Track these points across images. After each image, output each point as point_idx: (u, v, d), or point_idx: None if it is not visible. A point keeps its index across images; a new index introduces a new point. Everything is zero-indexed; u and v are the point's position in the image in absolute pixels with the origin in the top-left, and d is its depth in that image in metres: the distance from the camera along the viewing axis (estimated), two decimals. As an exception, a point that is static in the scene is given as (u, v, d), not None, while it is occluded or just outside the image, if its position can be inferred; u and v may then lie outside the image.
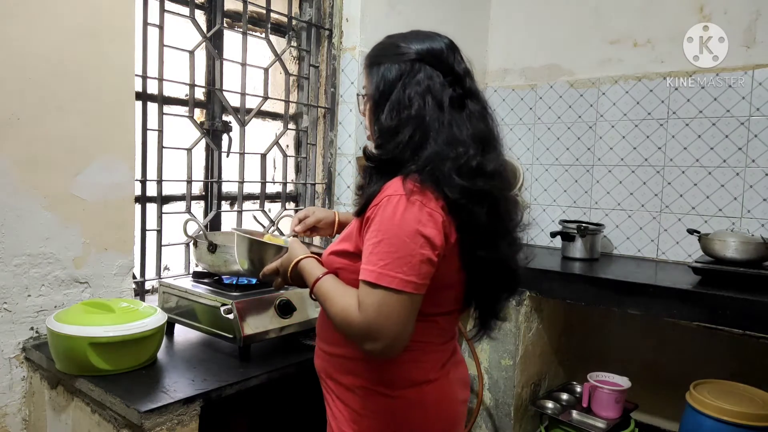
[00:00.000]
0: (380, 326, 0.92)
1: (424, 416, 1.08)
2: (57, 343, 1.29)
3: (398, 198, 0.96)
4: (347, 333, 0.98)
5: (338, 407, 1.11)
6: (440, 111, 1.02)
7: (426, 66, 1.04)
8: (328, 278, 1.05)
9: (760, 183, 2.29)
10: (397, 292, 0.92)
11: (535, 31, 2.88)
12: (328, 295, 1.03)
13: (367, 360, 1.05)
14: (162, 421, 1.16)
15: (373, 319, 0.93)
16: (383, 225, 0.95)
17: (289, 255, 1.14)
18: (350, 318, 0.96)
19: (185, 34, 1.88)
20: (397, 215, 0.94)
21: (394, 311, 0.93)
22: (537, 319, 2.28)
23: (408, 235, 0.93)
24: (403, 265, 0.93)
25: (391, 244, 0.94)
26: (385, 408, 1.06)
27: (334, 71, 2.32)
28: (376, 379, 1.06)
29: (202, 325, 1.52)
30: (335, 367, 1.12)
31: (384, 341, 0.93)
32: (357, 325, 0.94)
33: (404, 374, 1.06)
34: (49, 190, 1.46)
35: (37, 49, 1.42)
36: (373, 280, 0.93)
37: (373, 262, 0.94)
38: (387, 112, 1.04)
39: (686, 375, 2.20)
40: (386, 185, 0.99)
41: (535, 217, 2.92)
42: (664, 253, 2.52)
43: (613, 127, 2.64)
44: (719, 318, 1.77)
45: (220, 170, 2.03)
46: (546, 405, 2.28)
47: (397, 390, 1.06)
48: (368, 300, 0.93)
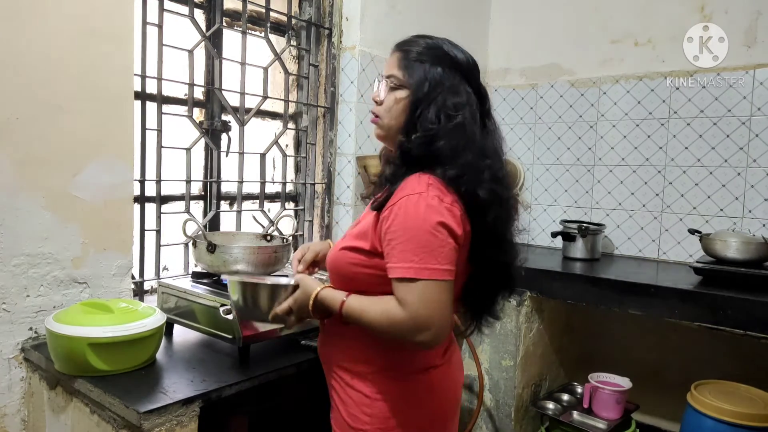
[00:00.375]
0: (428, 317, 0.99)
1: (432, 398, 1.16)
2: (56, 344, 1.29)
3: (417, 197, 1.02)
4: (393, 332, 1.03)
5: (348, 393, 1.15)
6: (475, 124, 1.11)
7: (464, 79, 1.13)
8: (353, 297, 1.10)
9: (761, 183, 2.28)
10: (437, 282, 1.00)
11: (536, 30, 2.88)
12: (361, 308, 1.07)
13: (379, 347, 1.12)
14: (161, 422, 1.15)
15: (419, 312, 0.99)
16: (407, 223, 1.02)
17: (303, 291, 1.14)
18: (394, 317, 1.01)
19: (184, 33, 1.87)
20: (419, 212, 1.01)
21: (438, 299, 1.00)
22: (538, 319, 2.27)
23: (433, 228, 1.01)
24: (437, 256, 1.00)
25: (419, 240, 1.00)
26: (396, 391, 1.12)
27: (334, 70, 2.32)
28: (388, 365, 1.13)
29: (201, 325, 1.51)
30: (347, 356, 1.16)
31: (434, 329, 1.00)
32: (403, 321, 1.00)
33: (414, 360, 1.14)
34: (48, 190, 1.46)
35: (37, 48, 1.41)
36: (413, 276, 0.99)
37: (408, 259, 1.00)
38: (433, 113, 1.09)
39: (687, 375, 2.19)
40: (403, 184, 1.06)
41: (536, 217, 2.92)
42: (665, 253, 2.51)
43: (614, 126, 2.63)
44: (720, 318, 1.76)
45: (219, 170, 2.02)
46: (547, 406, 2.28)
47: (407, 374, 1.13)
48: (410, 296, 1.00)
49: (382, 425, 1.11)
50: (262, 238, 1.82)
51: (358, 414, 1.13)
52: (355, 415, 1.13)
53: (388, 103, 1.15)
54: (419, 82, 1.11)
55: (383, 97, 1.16)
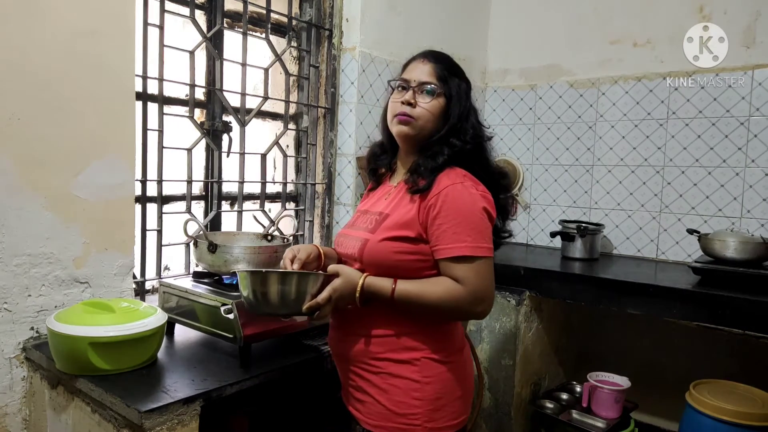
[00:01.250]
0: (485, 289, 1.16)
1: (466, 375, 1.29)
2: (57, 343, 1.30)
3: (461, 186, 1.18)
4: (456, 307, 1.16)
5: (391, 383, 1.21)
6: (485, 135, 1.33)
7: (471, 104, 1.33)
8: (402, 282, 1.18)
9: (759, 183, 2.29)
10: (488, 259, 1.17)
11: (535, 31, 2.88)
12: (418, 290, 1.17)
13: (425, 333, 1.22)
14: (162, 421, 1.16)
15: (479, 286, 1.15)
16: (457, 208, 1.16)
17: (347, 279, 1.18)
18: (457, 294, 1.15)
19: (185, 34, 1.88)
20: (467, 198, 1.17)
21: (489, 273, 1.18)
22: (537, 318, 2.28)
23: (479, 211, 1.18)
24: (486, 236, 1.17)
25: (470, 222, 1.16)
26: (443, 373, 1.22)
27: (334, 71, 2.32)
28: (433, 348, 1.22)
29: (203, 325, 1.52)
30: (387, 346, 1.22)
31: (489, 300, 1.18)
32: (465, 297, 1.14)
33: (452, 341, 1.27)
34: (49, 190, 1.46)
35: (39, 49, 1.42)
36: (470, 253, 1.14)
37: (462, 240, 1.15)
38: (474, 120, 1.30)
39: (686, 375, 2.20)
40: (439, 177, 1.21)
41: (535, 217, 2.92)
42: (664, 253, 2.52)
43: (612, 127, 2.64)
44: (719, 318, 1.77)
45: (220, 170, 2.03)
46: (546, 405, 2.28)
47: (451, 355, 1.25)
48: (469, 273, 1.14)
49: (431, 406, 1.20)
50: (263, 238, 1.83)
51: (407, 399, 1.19)
52: (402, 401, 1.19)
53: (427, 108, 1.26)
54: (457, 93, 1.28)
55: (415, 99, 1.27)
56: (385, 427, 1.21)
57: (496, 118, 3.03)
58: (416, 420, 1.19)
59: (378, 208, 1.32)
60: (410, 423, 1.19)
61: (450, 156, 1.24)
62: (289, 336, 1.57)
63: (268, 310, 1.17)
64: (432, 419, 1.19)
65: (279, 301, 1.14)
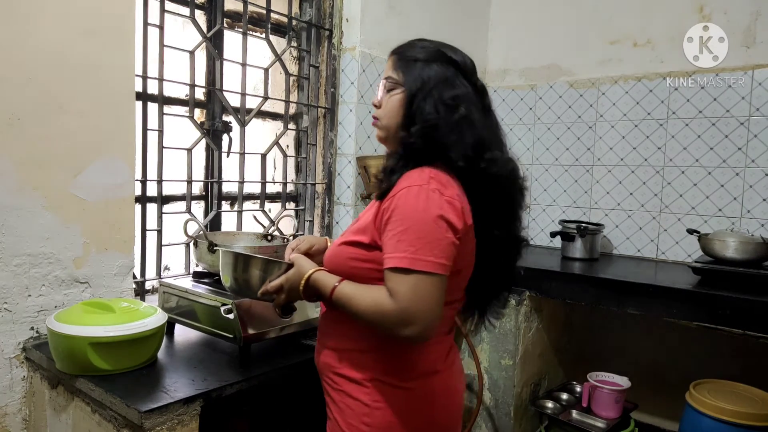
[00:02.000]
0: (417, 310, 0.96)
1: (433, 407, 1.11)
2: (57, 343, 1.30)
3: (418, 188, 1.01)
4: (381, 323, 1.00)
5: (346, 402, 1.11)
6: (483, 115, 1.12)
7: (460, 74, 1.12)
8: (346, 282, 1.07)
9: (759, 183, 2.29)
10: (430, 275, 0.97)
11: (535, 31, 2.88)
12: (352, 294, 1.05)
13: (378, 352, 1.09)
14: (162, 421, 1.16)
15: (409, 305, 0.96)
16: (407, 214, 1.00)
17: (297, 270, 1.14)
18: (384, 308, 0.98)
19: (185, 34, 1.88)
20: (420, 203, 1.00)
21: (429, 294, 0.97)
22: (537, 319, 2.28)
23: (433, 220, 0.99)
24: (434, 249, 0.98)
25: (418, 231, 0.98)
26: (396, 399, 1.09)
27: (334, 71, 2.32)
28: (385, 370, 1.09)
29: (203, 325, 1.52)
30: (344, 363, 1.13)
31: (421, 324, 0.97)
32: (392, 312, 0.97)
33: (414, 365, 1.10)
34: (49, 190, 1.46)
35: (38, 49, 1.42)
36: (407, 266, 0.97)
37: (403, 249, 0.98)
38: (431, 105, 1.09)
39: (686, 375, 2.20)
40: (404, 176, 1.05)
41: (535, 217, 2.92)
42: (664, 253, 2.52)
43: (612, 127, 2.64)
44: (719, 318, 1.77)
45: (220, 170, 2.03)
46: (546, 405, 2.28)
47: (408, 381, 1.09)
48: (402, 287, 0.97)
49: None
50: (263, 238, 1.83)
51: (357, 423, 1.09)
52: (353, 424, 1.09)
53: (385, 104, 1.15)
54: (413, 78, 1.12)
55: (380, 98, 1.17)
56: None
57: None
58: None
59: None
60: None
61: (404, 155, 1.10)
62: (289, 336, 1.57)
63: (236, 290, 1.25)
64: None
65: (243, 282, 1.21)
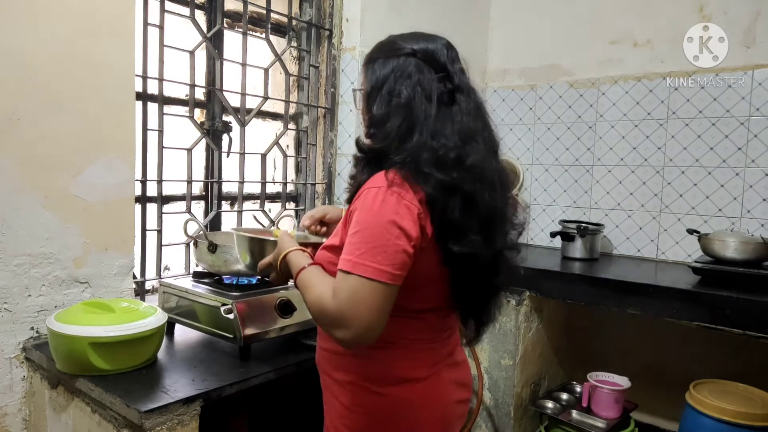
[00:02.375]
0: (351, 314, 0.92)
1: (413, 415, 1.07)
2: (57, 343, 1.30)
3: (377, 190, 0.97)
4: (320, 320, 0.99)
5: (331, 403, 1.13)
6: (428, 103, 1.03)
7: (419, 61, 1.06)
8: (312, 268, 1.06)
9: (759, 183, 2.29)
10: (370, 281, 0.92)
11: (535, 31, 2.88)
12: (307, 283, 1.03)
13: (355, 356, 1.07)
14: (162, 421, 1.16)
15: (344, 307, 0.93)
16: (362, 216, 0.97)
17: (278, 248, 1.15)
18: (324, 304, 0.96)
19: (185, 34, 1.88)
20: (375, 207, 0.96)
21: (367, 299, 0.92)
22: (537, 319, 2.28)
23: (384, 225, 0.94)
24: (378, 255, 0.93)
25: (367, 235, 0.95)
26: (372, 404, 1.07)
27: (334, 71, 2.32)
28: (364, 374, 1.07)
29: (203, 325, 1.52)
30: (329, 363, 1.13)
31: (354, 329, 0.92)
32: (329, 311, 0.95)
33: (392, 371, 1.06)
34: (49, 190, 1.46)
35: (38, 49, 1.42)
36: (349, 269, 0.94)
37: (350, 252, 0.95)
38: (377, 102, 1.06)
39: (686, 375, 2.20)
40: (371, 178, 1.01)
41: (535, 217, 2.92)
42: (664, 253, 2.52)
43: (612, 127, 2.64)
44: (719, 318, 1.77)
45: (220, 170, 2.03)
46: (546, 405, 2.28)
47: (385, 387, 1.06)
48: (342, 288, 0.94)
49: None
50: (263, 238, 1.82)
51: (338, 425, 1.10)
52: (335, 425, 1.11)
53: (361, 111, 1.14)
54: (369, 79, 1.10)
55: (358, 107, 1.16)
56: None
57: (496, 118, 3.00)
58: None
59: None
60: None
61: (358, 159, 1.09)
62: (289, 336, 1.57)
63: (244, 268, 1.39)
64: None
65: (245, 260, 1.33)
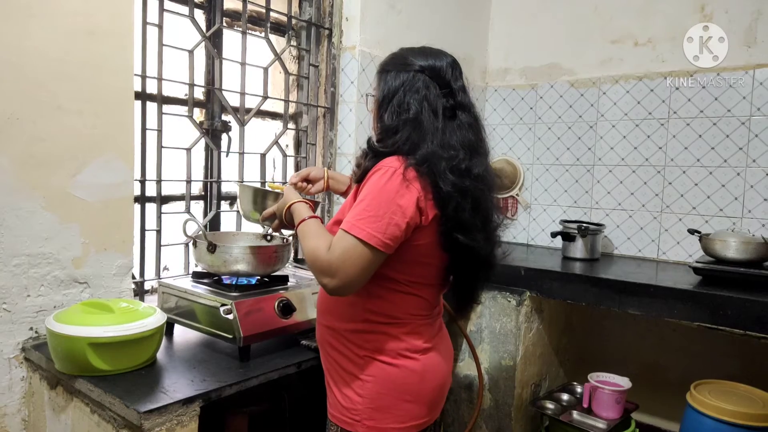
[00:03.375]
0: (339, 266, 1.08)
1: (420, 381, 1.22)
2: (56, 344, 1.29)
3: (387, 169, 1.12)
4: (312, 266, 1.13)
5: (340, 374, 1.23)
6: (435, 117, 1.18)
7: (426, 77, 1.21)
8: (312, 221, 1.22)
9: (760, 183, 2.28)
10: (362, 243, 1.08)
11: (536, 30, 2.88)
12: (307, 233, 1.19)
13: (371, 333, 1.20)
14: (161, 422, 1.15)
15: (336, 259, 1.09)
16: (369, 189, 1.12)
17: (283, 199, 1.32)
18: (318, 254, 1.11)
19: (184, 33, 1.87)
20: (381, 182, 1.11)
21: (355, 257, 1.09)
22: (537, 319, 2.27)
23: (385, 199, 1.10)
24: (374, 223, 1.09)
25: (370, 205, 1.10)
26: (386, 374, 1.20)
27: (334, 71, 2.32)
28: (378, 349, 1.20)
29: (202, 325, 1.51)
30: (339, 339, 1.24)
31: (338, 280, 1.09)
32: (322, 260, 1.10)
33: (400, 345, 1.21)
34: (48, 190, 1.46)
35: (37, 48, 1.41)
36: (347, 229, 1.10)
37: (353, 216, 1.11)
38: (389, 113, 1.21)
39: (687, 375, 2.19)
40: (384, 159, 1.15)
41: (536, 217, 2.92)
42: (665, 253, 2.51)
43: (613, 126, 2.63)
44: (720, 318, 1.77)
45: (219, 170, 2.03)
46: (546, 405, 2.28)
47: (396, 358, 1.20)
48: (338, 244, 1.10)
49: (372, 404, 1.19)
50: (263, 238, 1.82)
51: (351, 395, 1.21)
52: (348, 395, 1.21)
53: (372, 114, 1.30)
54: (382, 89, 1.25)
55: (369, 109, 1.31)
56: (336, 416, 1.24)
57: (497, 118, 3.03)
58: (356, 416, 1.20)
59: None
60: (352, 417, 1.21)
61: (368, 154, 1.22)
62: (289, 336, 1.57)
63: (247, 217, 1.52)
64: (372, 417, 1.19)
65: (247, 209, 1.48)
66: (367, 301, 1.20)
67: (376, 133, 1.27)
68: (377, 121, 1.27)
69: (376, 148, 1.20)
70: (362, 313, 1.21)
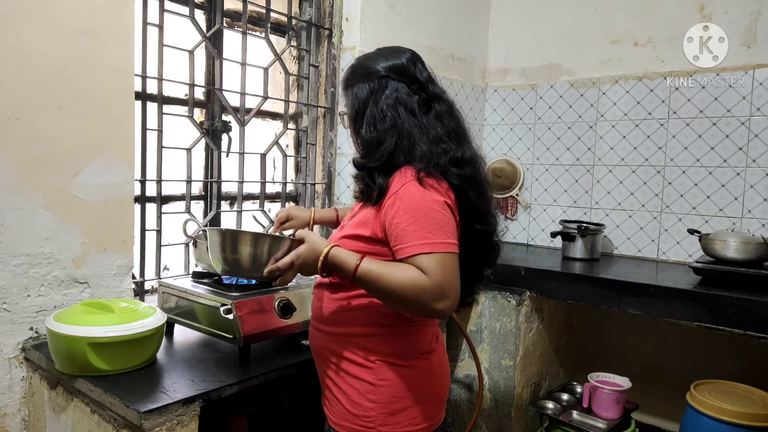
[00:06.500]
0: (450, 284, 1.06)
1: (431, 381, 1.23)
2: (56, 344, 1.29)
3: (414, 183, 1.10)
4: (416, 297, 1.05)
5: (350, 383, 1.20)
6: (413, 116, 1.17)
7: (391, 80, 1.20)
8: (368, 259, 1.11)
9: (760, 183, 2.29)
10: (449, 254, 1.07)
11: (535, 30, 2.88)
12: (382, 271, 1.08)
13: (382, 336, 1.19)
14: (162, 422, 1.16)
15: (441, 280, 1.04)
16: (412, 207, 1.09)
17: (311, 246, 1.13)
18: (422, 284, 1.04)
19: (185, 33, 1.87)
20: (419, 195, 1.09)
21: (453, 270, 1.08)
22: (537, 319, 2.28)
23: (438, 208, 1.09)
24: (446, 232, 1.08)
25: (427, 220, 1.08)
26: (400, 377, 1.18)
27: (334, 71, 2.32)
28: (390, 352, 1.19)
29: (202, 325, 1.51)
30: (348, 347, 1.21)
31: (453, 298, 1.07)
32: (429, 287, 1.04)
33: (413, 346, 1.21)
34: (48, 190, 1.46)
35: (37, 49, 1.41)
36: (429, 250, 1.06)
37: (421, 237, 1.07)
38: (365, 126, 1.19)
39: (686, 375, 2.19)
40: (392, 178, 1.13)
41: (536, 217, 2.92)
42: (665, 253, 2.52)
43: (613, 126, 2.64)
44: (720, 318, 1.77)
45: (219, 170, 2.03)
46: (546, 405, 2.28)
47: (410, 360, 1.20)
48: (432, 265, 1.05)
49: (386, 409, 1.17)
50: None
51: (363, 402, 1.18)
52: (358, 403, 1.18)
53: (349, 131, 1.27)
54: (351, 105, 1.23)
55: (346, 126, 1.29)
56: (345, 426, 1.20)
57: (497, 118, 3.03)
58: (370, 423, 1.17)
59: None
60: (365, 425, 1.17)
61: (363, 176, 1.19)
62: (289, 336, 1.57)
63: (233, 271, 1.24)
64: (387, 423, 1.17)
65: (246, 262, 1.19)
66: (381, 304, 1.17)
67: (357, 150, 1.24)
68: (356, 136, 1.24)
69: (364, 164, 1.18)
70: (375, 316, 1.19)
